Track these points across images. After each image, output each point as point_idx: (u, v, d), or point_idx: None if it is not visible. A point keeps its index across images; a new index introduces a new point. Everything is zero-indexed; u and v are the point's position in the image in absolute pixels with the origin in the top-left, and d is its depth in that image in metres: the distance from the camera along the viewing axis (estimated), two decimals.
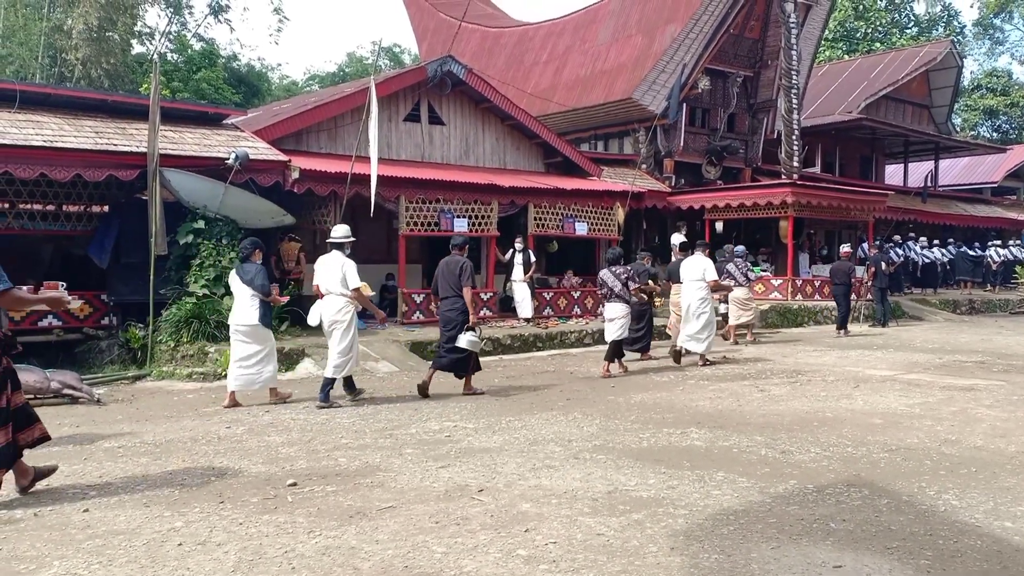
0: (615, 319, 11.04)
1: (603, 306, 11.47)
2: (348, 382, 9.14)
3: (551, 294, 17.02)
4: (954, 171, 37.57)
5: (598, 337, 14.63)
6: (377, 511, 5.06)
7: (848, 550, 4.36)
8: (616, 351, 11.17)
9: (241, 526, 4.80)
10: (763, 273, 20.45)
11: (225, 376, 10.65)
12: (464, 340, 9.13)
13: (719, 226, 20.88)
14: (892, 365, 11.90)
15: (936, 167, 31.84)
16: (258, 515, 5.01)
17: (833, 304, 19.34)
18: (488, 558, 4.25)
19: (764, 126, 23.99)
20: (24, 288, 5.58)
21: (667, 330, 14.01)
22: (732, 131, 23.73)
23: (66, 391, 9.28)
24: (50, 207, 12.78)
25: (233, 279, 9.06)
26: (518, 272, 15.68)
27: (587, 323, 15.94)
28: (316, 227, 14.84)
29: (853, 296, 17.23)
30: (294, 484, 5.68)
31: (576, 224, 17.21)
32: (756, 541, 4.49)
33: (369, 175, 12.98)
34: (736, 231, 22.09)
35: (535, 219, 16.49)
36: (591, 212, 17.50)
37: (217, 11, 33.23)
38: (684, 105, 21.35)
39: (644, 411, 8.40)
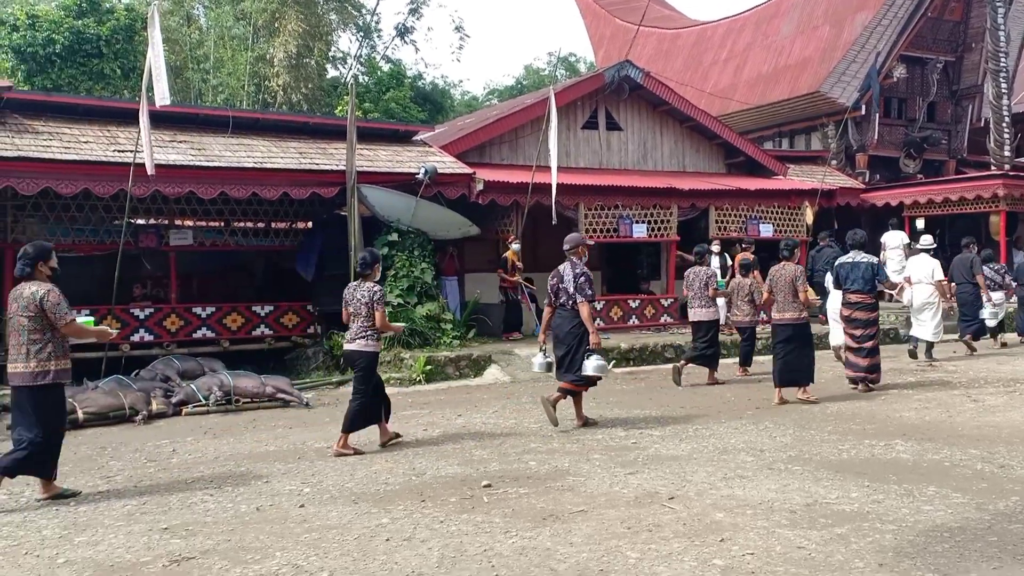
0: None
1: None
2: (929, 349, 12.01)
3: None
4: None
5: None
6: (569, 514, 5.14)
7: None
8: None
9: (442, 524, 5.04)
10: None
11: (419, 381, 11.25)
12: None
13: (920, 223, 19.51)
14: None
15: None
16: (457, 514, 5.23)
17: None
18: (684, 566, 4.22)
19: (969, 114, 22.18)
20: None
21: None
22: (932, 121, 22.12)
23: (279, 395, 10.06)
24: (260, 224, 13.92)
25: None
26: None
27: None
28: (499, 236, 15.23)
29: None
30: (488, 485, 5.88)
31: (760, 226, 16.61)
32: (975, 560, 4.19)
33: (549, 184, 13.19)
34: (940, 228, 20.56)
35: (717, 222, 16.06)
36: (777, 213, 16.85)
37: (403, 33, 34.94)
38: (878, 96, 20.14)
39: (841, 421, 8.01)
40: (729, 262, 15.51)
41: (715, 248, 15.16)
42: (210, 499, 5.81)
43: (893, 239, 17.51)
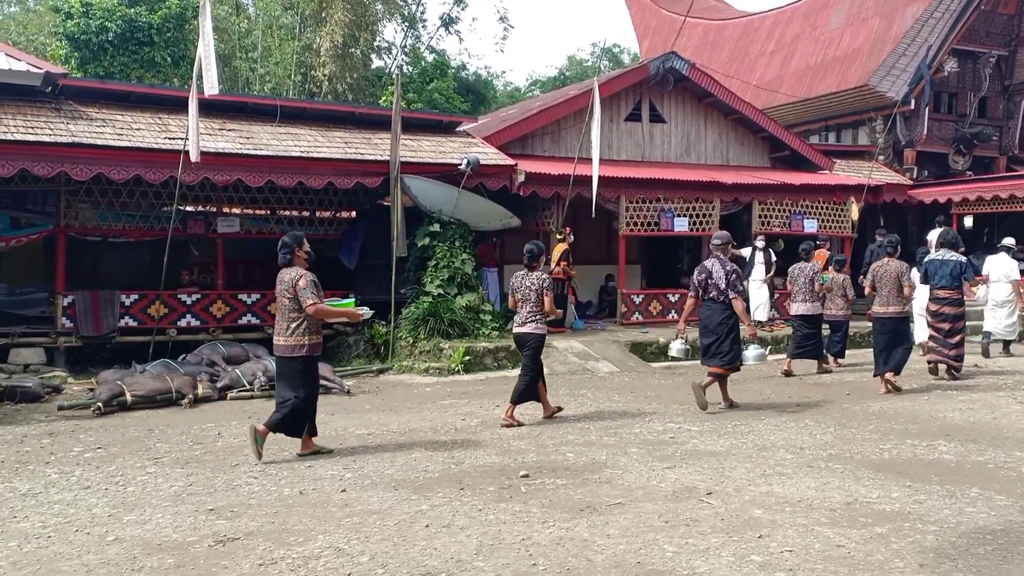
0: None
1: None
2: (999, 343, 12.56)
3: (776, 296, 16.36)
4: None
5: (828, 343, 13.90)
6: (606, 507, 5.18)
7: None
8: None
9: (480, 512, 5.10)
10: None
11: (458, 372, 11.30)
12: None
13: (968, 221, 19.12)
14: None
15: None
16: (495, 503, 5.29)
17: None
18: (721, 561, 4.23)
19: (1022, 110, 21.63)
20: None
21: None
22: (984, 116, 21.60)
23: (321, 382, 10.17)
24: (305, 213, 14.09)
25: None
26: (758, 272, 14.65)
27: None
28: (539, 228, 15.24)
29: None
30: (526, 476, 5.93)
31: (805, 221, 16.40)
32: (1018, 563, 4.14)
33: (591, 176, 13.17)
34: (988, 226, 20.14)
35: (760, 217, 15.91)
36: (822, 208, 16.61)
37: (448, 23, 34.97)
38: (928, 90, 19.73)
39: (884, 420, 7.93)
40: (774, 257, 15.36)
41: (759, 243, 15.01)
42: (254, 482, 5.94)
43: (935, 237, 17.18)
